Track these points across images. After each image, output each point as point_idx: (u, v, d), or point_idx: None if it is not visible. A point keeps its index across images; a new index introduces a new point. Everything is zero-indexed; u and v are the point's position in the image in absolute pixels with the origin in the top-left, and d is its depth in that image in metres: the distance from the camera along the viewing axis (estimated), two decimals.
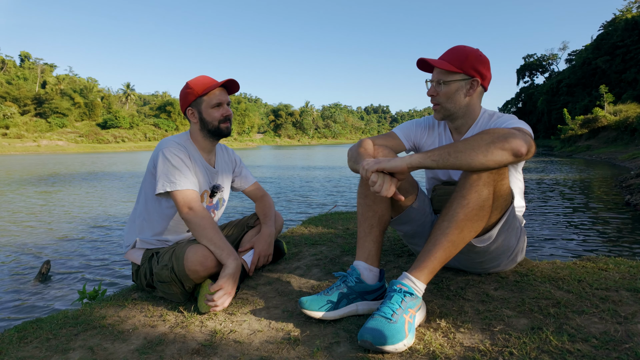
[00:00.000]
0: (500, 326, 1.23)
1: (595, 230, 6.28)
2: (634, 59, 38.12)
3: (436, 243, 1.24)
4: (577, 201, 9.05)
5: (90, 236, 6.26)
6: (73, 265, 4.79)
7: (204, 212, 1.60)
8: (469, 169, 1.20)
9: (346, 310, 1.35)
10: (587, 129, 32.76)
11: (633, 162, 17.68)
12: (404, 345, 1.12)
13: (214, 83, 1.71)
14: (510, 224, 1.43)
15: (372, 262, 1.41)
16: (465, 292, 1.50)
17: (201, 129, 1.74)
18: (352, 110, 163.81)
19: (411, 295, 1.20)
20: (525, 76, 63.90)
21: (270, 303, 1.53)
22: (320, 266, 1.94)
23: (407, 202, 1.54)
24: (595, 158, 24.45)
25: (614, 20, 44.14)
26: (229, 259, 1.54)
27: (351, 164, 1.50)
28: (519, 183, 1.59)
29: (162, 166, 1.61)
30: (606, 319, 1.24)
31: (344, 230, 2.71)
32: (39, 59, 71.13)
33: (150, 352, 1.21)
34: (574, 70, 48.73)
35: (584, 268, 1.71)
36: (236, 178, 2.00)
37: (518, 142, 1.15)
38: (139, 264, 1.71)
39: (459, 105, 1.47)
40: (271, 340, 1.24)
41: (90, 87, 66.89)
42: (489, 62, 1.47)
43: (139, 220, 1.75)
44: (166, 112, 68.41)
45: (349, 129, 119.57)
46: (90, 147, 49.01)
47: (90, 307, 1.58)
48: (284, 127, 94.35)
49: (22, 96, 53.96)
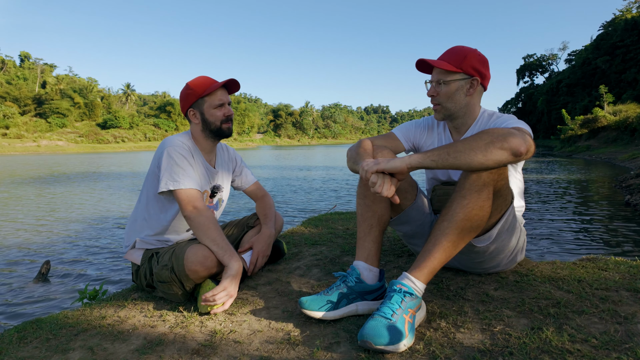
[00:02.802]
0: (500, 326, 1.23)
1: (595, 230, 6.27)
2: (634, 59, 38.13)
3: (436, 243, 1.24)
4: (577, 201, 9.05)
5: (90, 236, 6.26)
6: (73, 266, 4.79)
7: (207, 212, 1.60)
8: (469, 169, 1.20)
9: (346, 310, 1.35)
10: (587, 129, 32.74)
11: (633, 162, 17.66)
12: (404, 345, 1.12)
13: (214, 83, 1.71)
14: (510, 224, 1.43)
15: (371, 262, 1.41)
16: (465, 292, 1.50)
17: (203, 130, 1.74)
18: (352, 110, 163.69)
19: (411, 295, 1.20)
20: (525, 76, 63.93)
21: (270, 303, 1.53)
22: (320, 266, 1.94)
23: (406, 203, 1.54)
24: (595, 158, 24.43)
25: (613, 20, 44.17)
26: (232, 260, 1.53)
27: (350, 165, 1.50)
28: (519, 183, 1.60)
29: (166, 164, 1.61)
30: (606, 319, 1.24)
31: (344, 230, 2.71)
32: (39, 59, 71.20)
33: (150, 352, 1.21)
34: (573, 71, 48.75)
35: (584, 268, 1.71)
36: (236, 177, 1.99)
37: (517, 141, 1.15)
38: (138, 264, 1.71)
39: (460, 104, 1.47)
40: (271, 340, 1.24)
41: (90, 87, 66.83)
42: (488, 61, 1.48)
43: (140, 220, 1.75)
44: (166, 112, 68.34)
45: (349, 129, 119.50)
46: (90, 147, 48.98)
47: (90, 307, 1.58)
48: (284, 127, 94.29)
49: (22, 96, 53.95)
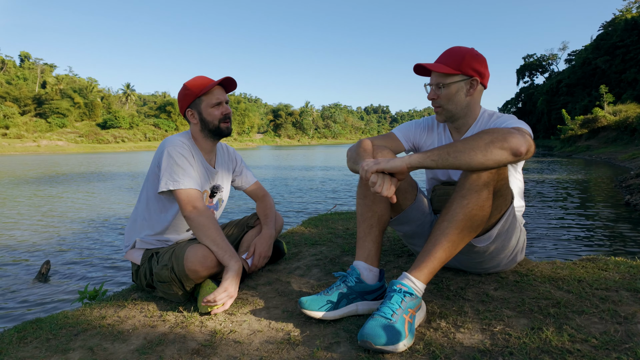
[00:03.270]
0: (500, 326, 1.23)
1: (595, 230, 6.27)
2: (634, 59, 38.10)
3: (436, 243, 1.24)
4: (577, 201, 9.05)
5: (90, 236, 6.26)
6: (73, 265, 4.79)
7: (207, 212, 1.60)
8: (469, 169, 1.20)
9: (346, 310, 1.35)
10: (586, 129, 32.74)
11: (633, 162, 17.66)
12: (403, 345, 1.12)
13: (211, 82, 1.70)
14: (510, 224, 1.43)
15: (371, 262, 1.41)
16: (465, 292, 1.50)
17: (202, 130, 1.73)
18: (352, 110, 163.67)
19: (411, 295, 1.20)
20: (525, 76, 63.86)
21: (270, 303, 1.53)
22: (320, 266, 1.94)
23: (406, 203, 1.54)
24: (595, 158, 24.43)
25: (613, 20, 44.10)
26: (232, 261, 1.53)
27: (350, 165, 1.50)
28: (519, 183, 1.59)
29: (166, 164, 1.60)
30: (606, 319, 1.24)
31: (344, 230, 2.71)
32: (39, 59, 71.30)
33: (150, 352, 1.21)
34: (573, 71, 48.70)
35: (584, 268, 1.71)
36: (237, 177, 1.99)
37: (517, 141, 1.15)
38: (138, 264, 1.71)
39: (461, 105, 1.47)
40: (271, 340, 1.24)
41: (90, 87, 66.86)
42: (486, 59, 1.47)
43: (140, 220, 1.74)
44: (166, 112, 68.36)
45: (349, 129, 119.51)
46: (90, 147, 49.00)
47: (90, 307, 1.58)
48: (284, 127, 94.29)
49: (22, 96, 53.95)
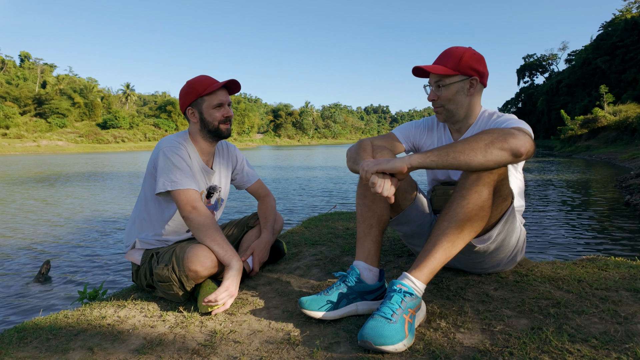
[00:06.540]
0: (500, 326, 1.23)
1: (595, 230, 6.28)
2: (634, 59, 38.09)
3: (436, 243, 1.24)
4: (577, 201, 9.05)
5: (90, 236, 6.26)
6: (73, 266, 4.79)
7: (206, 212, 1.59)
8: (468, 169, 1.20)
9: (346, 310, 1.35)
10: (586, 129, 32.74)
11: (633, 162, 17.67)
12: (403, 345, 1.12)
13: (215, 83, 1.70)
14: (510, 224, 1.43)
15: (371, 262, 1.41)
16: (465, 292, 1.50)
17: (201, 129, 1.73)
18: (352, 110, 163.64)
19: (411, 295, 1.20)
20: (525, 76, 63.85)
21: (270, 303, 1.53)
22: (320, 266, 1.94)
23: (406, 203, 1.54)
24: (595, 158, 24.43)
25: (613, 20, 44.09)
26: (233, 259, 1.53)
27: (350, 165, 1.50)
28: (519, 183, 1.59)
29: (163, 165, 1.60)
30: (606, 319, 1.24)
31: (344, 230, 2.70)
32: (39, 59, 71.22)
33: (149, 352, 1.20)
34: (573, 71, 48.69)
35: (584, 268, 1.71)
36: (237, 176, 1.97)
37: (517, 142, 1.15)
38: (139, 264, 1.71)
39: (462, 105, 1.47)
40: (271, 340, 1.24)
41: (90, 87, 66.76)
42: (484, 58, 1.47)
43: (139, 221, 1.74)
44: (166, 112, 68.30)
45: (349, 129, 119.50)
46: (90, 147, 48.98)
47: (90, 307, 1.58)
48: (284, 127, 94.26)
49: (22, 96, 53.88)
